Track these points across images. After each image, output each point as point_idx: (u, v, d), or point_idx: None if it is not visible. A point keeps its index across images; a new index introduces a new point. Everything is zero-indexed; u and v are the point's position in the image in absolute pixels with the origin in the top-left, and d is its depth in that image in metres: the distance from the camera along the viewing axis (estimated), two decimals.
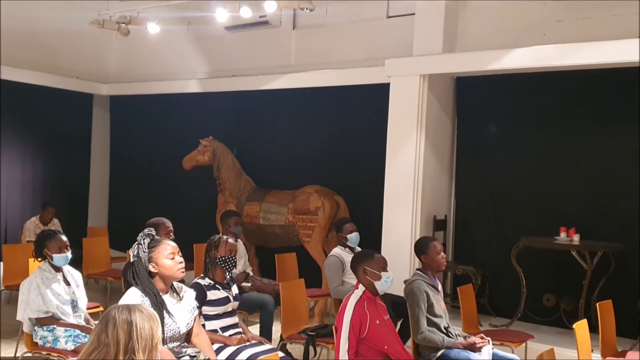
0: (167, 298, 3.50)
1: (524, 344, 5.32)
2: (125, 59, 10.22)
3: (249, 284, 6.10)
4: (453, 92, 7.24)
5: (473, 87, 7.13)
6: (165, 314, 3.39)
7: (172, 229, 5.36)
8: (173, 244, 3.54)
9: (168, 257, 3.46)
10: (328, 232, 7.42)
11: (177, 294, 3.57)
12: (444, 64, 6.65)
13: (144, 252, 3.45)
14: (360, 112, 7.74)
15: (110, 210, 10.70)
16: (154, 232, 3.57)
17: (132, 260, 3.51)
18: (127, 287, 4.70)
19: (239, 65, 8.82)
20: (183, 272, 3.53)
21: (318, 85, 7.81)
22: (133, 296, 3.38)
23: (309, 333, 4.96)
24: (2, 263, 8.71)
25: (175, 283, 3.59)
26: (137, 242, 3.51)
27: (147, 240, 3.49)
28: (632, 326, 5.69)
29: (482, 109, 7.12)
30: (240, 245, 6.27)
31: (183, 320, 3.55)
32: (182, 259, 3.53)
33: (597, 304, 4.86)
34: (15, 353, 5.56)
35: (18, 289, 6.40)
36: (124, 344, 2.13)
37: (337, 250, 5.94)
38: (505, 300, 6.72)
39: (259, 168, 8.46)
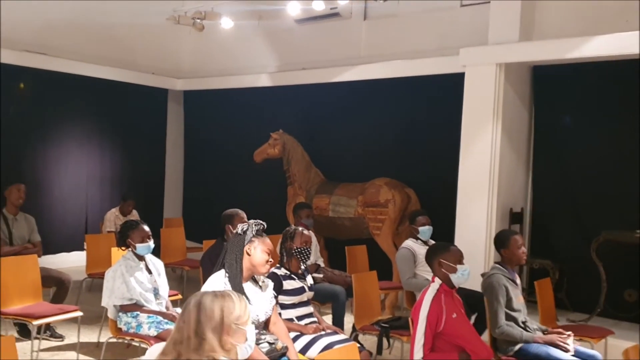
0: (248, 286, 3.59)
1: (603, 340, 5.16)
2: (198, 55, 10.44)
3: (321, 275, 6.14)
4: (529, 82, 7.06)
5: (550, 76, 6.93)
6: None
7: (246, 220, 5.44)
8: (271, 245, 3.69)
9: (264, 251, 3.62)
10: (399, 225, 7.39)
11: (257, 283, 3.66)
12: (521, 53, 6.48)
13: (250, 233, 3.61)
14: (432, 103, 7.65)
15: (184, 203, 10.98)
16: (265, 226, 3.72)
17: (238, 233, 3.65)
18: (206, 271, 4.86)
19: (308, 58, 8.87)
20: (268, 270, 3.69)
21: (389, 76, 7.76)
22: (217, 279, 3.51)
23: (383, 325, 4.95)
24: (85, 252, 9.17)
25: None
26: (247, 224, 3.68)
27: (257, 228, 3.67)
28: None
29: (560, 98, 6.92)
30: (312, 237, 6.32)
31: (262, 309, 3.63)
32: (272, 260, 3.69)
33: None
34: (98, 338, 5.80)
35: (100, 277, 6.73)
36: (194, 325, 2.24)
37: (409, 243, 5.90)
38: (584, 295, 6.52)
39: (328, 161, 8.48)
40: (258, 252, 3.60)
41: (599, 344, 4.99)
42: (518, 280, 4.53)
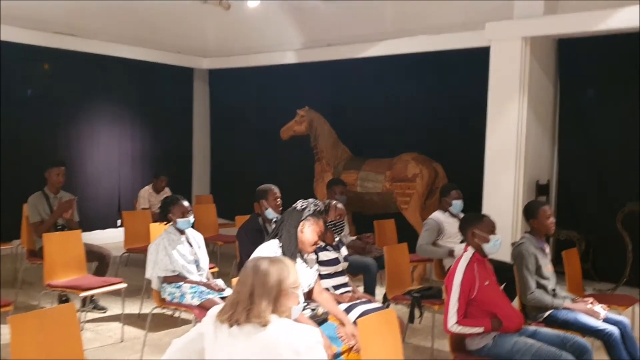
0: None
1: (630, 308, 5.27)
2: (224, 33, 10.56)
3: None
4: (555, 55, 7.10)
5: (576, 49, 6.97)
6: None
7: (279, 195, 5.60)
8: (323, 227, 3.90)
9: (315, 232, 3.81)
10: (426, 199, 7.52)
11: (302, 257, 3.85)
12: (547, 26, 6.53)
13: (307, 212, 3.79)
14: (457, 78, 7.73)
15: (212, 180, 11.19)
16: (322, 207, 3.93)
17: (297, 209, 3.84)
18: (242, 245, 5.06)
19: (334, 34, 8.94)
20: (312, 250, 3.90)
21: (414, 51, 7.84)
22: (270, 248, 3.74)
23: (414, 295, 5.11)
24: (119, 229, 9.42)
25: None
26: (309, 201, 3.87)
27: (315, 208, 3.85)
28: None
29: (585, 71, 6.97)
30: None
31: (306, 281, 3.82)
32: (320, 243, 3.94)
33: None
34: (140, 309, 6.05)
35: (138, 252, 6.99)
36: (250, 289, 2.39)
37: (437, 214, 6.04)
38: (610, 266, 6.63)
39: (355, 137, 8.61)
40: (310, 232, 3.80)
41: (626, 312, 5.10)
42: (547, 250, 4.66)
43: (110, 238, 9.08)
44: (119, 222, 9.80)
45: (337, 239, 4.68)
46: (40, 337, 3.03)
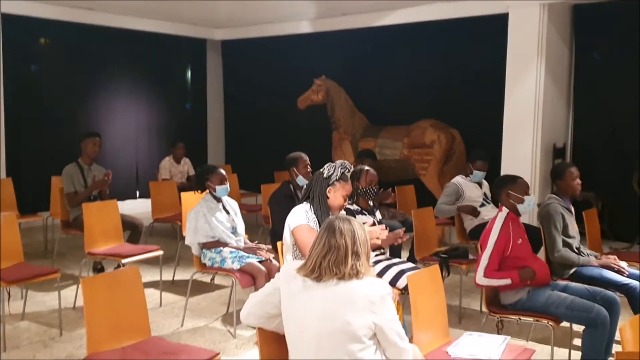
0: None
1: None
2: (236, 3, 10.56)
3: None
4: (570, 20, 7.21)
5: (591, 15, 7.07)
6: None
7: (309, 162, 5.74)
8: (350, 190, 4.00)
9: (343, 196, 3.94)
10: (444, 165, 7.69)
11: None
12: None
13: (335, 177, 3.91)
14: (474, 44, 7.84)
15: (227, 151, 11.33)
16: (351, 169, 4.02)
17: (324, 175, 3.94)
18: (275, 212, 5.24)
19: (349, 3, 8.95)
20: (341, 209, 4.01)
21: (431, 18, 7.91)
22: (301, 210, 3.90)
23: (442, 255, 5.31)
24: (141, 199, 9.59)
25: None
26: (336, 165, 3.97)
27: (342, 171, 3.95)
28: None
29: (600, 35, 7.08)
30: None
31: None
32: (346, 204, 4.06)
33: None
34: (173, 276, 6.27)
35: (165, 222, 7.17)
36: (350, 248, 2.53)
37: (459, 179, 6.23)
38: (625, 225, 6.82)
39: (372, 105, 8.72)
40: (337, 196, 3.94)
41: None
42: (572, 209, 4.84)
43: (130, 210, 9.21)
44: (137, 193, 9.99)
45: (370, 203, 4.84)
46: (110, 298, 3.22)
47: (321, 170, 4.01)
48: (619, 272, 4.52)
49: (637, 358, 2.41)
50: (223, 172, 5.08)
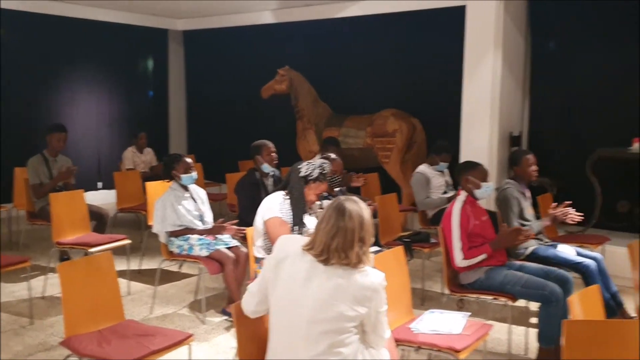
0: None
1: (601, 246, 5.75)
2: None
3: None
4: (526, 11, 7.44)
5: (546, 5, 7.31)
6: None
7: (274, 150, 5.84)
8: (325, 188, 4.17)
9: (317, 194, 4.10)
10: (405, 153, 7.88)
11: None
12: None
13: (311, 177, 4.05)
14: (434, 36, 8.02)
15: (190, 141, 11.34)
16: (328, 170, 4.15)
17: (301, 176, 4.08)
18: (242, 199, 5.33)
19: None
20: (312, 204, 4.16)
21: (392, 10, 8.05)
22: (276, 197, 4.06)
23: (405, 240, 5.50)
24: (104, 191, 9.56)
25: None
26: (312, 164, 4.12)
27: (321, 171, 4.08)
28: None
29: (555, 26, 7.33)
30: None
31: (312, 226, 4.12)
32: (320, 203, 4.22)
33: None
34: (140, 266, 6.31)
35: (131, 212, 7.19)
36: (357, 234, 2.52)
37: (423, 168, 6.46)
38: (580, 209, 7.02)
39: (335, 95, 8.86)
40: (310, 194, 4.11)
41: (597, 249, 5.58)
42: (528, 194, 5.07)
43: (93, 201, 9.15)
44: (99, 184, 9.94)
45: (337, 189, 4.99)
46: (85, 283, 3.30)
47: (299, 167, 4.12)
48: (570, 219, 4.75)
49: (584, 326, 2.60)
50: (189, 160, 5.15)
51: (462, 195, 4.34)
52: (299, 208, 4.04)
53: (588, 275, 4.59)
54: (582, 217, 4.84)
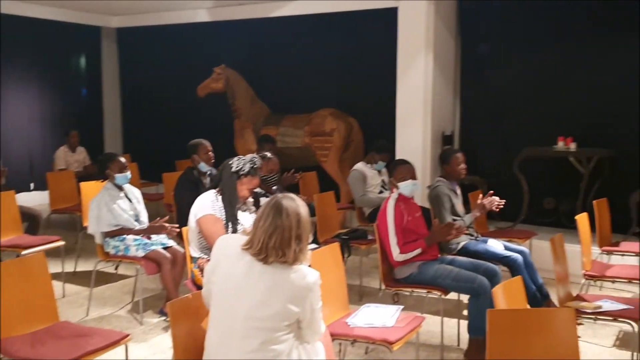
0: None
1: (529, 240, 6.01)
2: None
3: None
4: (456, 14, 7.67)
5: (475, 8, 7.56)
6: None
7: (211, 149, 5.85)
8: (257, 183, 4.18)
9: (249, 189, 4.10)
10: (343, 152, 8.01)
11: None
12: None
13: (243, 171, 4.04)
14: (370, 36, 8.19)
15: (125, 140, 11.16)
16: (260, 165, 4.16)
17: (232, 170, 4.06)
18: (180, 198, 5.32)
19: None
20: (245, 200, 4.19)
21: (326, 11, 8.13)
22: (209, 196, 4.06)
23: (343, 237, 5.61)
24: (36, 192, 9.31)
25: None
26: (243, 159, 4.11)
27: (252, 166, 4.08)
28: (624, 223, 6.36)
29: (484, 28, 7.60)
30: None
31: (247, 223, 4.15)
32: (251, 197, 4.21)
33: (594, 202, 5.51)
34: (75, 268, 6.20)
35: (65, 213, 7.04)
36: (295, 231, 2.55)
37: (360, 165, 6.60)
38: (509, 206, 7.33)
39: (273, 94, 8.91)
40: (242, 189, 4.10)
41: (525, 244, 5.83)
42: (458, 191, 5.26)
43: (25, 202, 8.93)
44: (32, 185, 9.68)
45: (274, 188, 5.04)
46: (18, 285, 3.25)
47: (230, 162, 4.14)
48: (496, 207, 4.97)
49: (506, 315, 2.75)
50: (123, 159, 5.11)
51: (396, 192, 4.47)
52: (232, 204, 4.06)
53: (515, 268, 4.79)
54: (504, 204, 5.01)
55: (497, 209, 5.00)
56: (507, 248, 5.06)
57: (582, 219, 4.87)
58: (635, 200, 6.31)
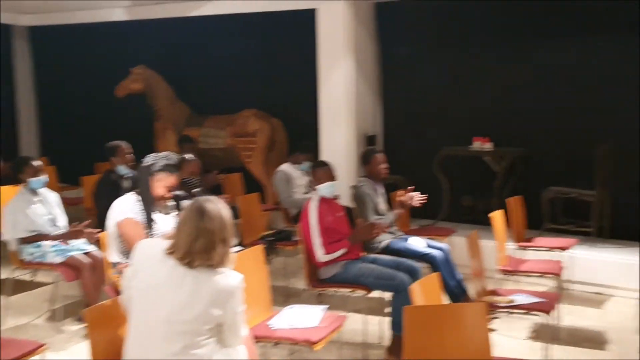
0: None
1: (448, 238, 6.20)
2: None
3: None
4: (375, 17, 7.81)
5: (393, 12, 7.72)
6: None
7: (130, 151, 5.73)
8: (174, 181, 3.96)
9: (166, 187, 3.92)
10: (267, 153, 8.01)
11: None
12: None
13: (156, 167, 3.90)
14: (292, 37, 8.21)
15: (42, 143, 10.77)
16: (175, 161, 3.99)
17: (144, 165, 3.94)
18: (99, 199, 5.18)
19: None
20: (166, 201, 4.04)
21: (246, 11, 8.06)
22: (127, 199, 3.94)
23: (268, 239, 5.62)
24: None
25: None
26: (158, 155, 3.98)
27: (165, 162, 3.91)
28: (538, 219, 6.65)
29: (405, 31, 7.76)
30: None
31: (167, 226, 4.06)
32: (171, 194, 4.02)
33: (508, 199, 5.74)
34: None
35: None
36: (219, 234, 2.53)
37: (285, 166, 6.62)
38: (430, 204, 7.53)
39: (195, 95, 8.81)
40: (158, 187, 3.92)
41: (445, 241, 6.00)
42: (381, 191, 5.38)
43: None
44: None
45: (196, 190, 4.99)
46: None
47: (143, 161, 4.06)
48: (416, 202, 5.16)
49: (423, 311, 2.84)
50: (38, 163, 4.94)
51: (316, 194, 4.53)
52: (148, 202, 3.94)
53: (435, 265, 4.94)
54: (426, 199, 5.16)
55: (420, 204, 5.14)
56: (429, 245, 5.21)
57: (496, 216, 5.07)
58: (548, 197, 6.60)
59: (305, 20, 7.77)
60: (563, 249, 5.53)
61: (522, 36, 7.12)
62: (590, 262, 5.94)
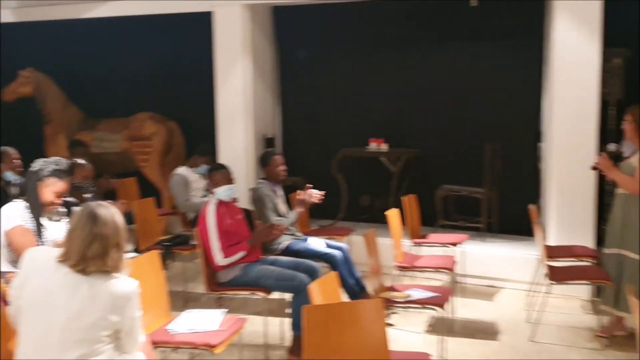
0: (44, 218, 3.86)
1: (347, 237, 6.32)
2: None
3: None
4: (272, 21, 7.85)
5: (291, 16, 7.78)
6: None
7: (17, 156, 5.45)
8: (64, 187, 3.79)
9: (55, 192, 3.75)
10: (164, 156, 7.85)
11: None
12: None
13: (44, 172, 3.72)
14: (189, 39, 8.09)
15: None
16: (65, 167, 3.81)
17: (31, 170, 3.76)
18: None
19: None
20: (55, 208, 3.87)
21: (140, 13, 7.86)
22: (16, 206, 3.76)
23: (165, 244, 5.51)
24: None
25: None
26: (48, 161, 3.79)
27: (56, 167, 3.75)
28: (431, 216, 6.91)
29: (301, 35, 7.85)
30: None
31: (57, 233, 3.90)
32: (61, 200, 3.85)
33: (403, 198, 5.92)
34: None
35: None
36: (112, 239, 2.50)
37: (182, 170, 6.49)
38: (329, 205, 7.66)
39: (88, 98, 8.51)
40: (46, 193, 3.75)
41: (344, 240, 6.12)
42: (280, 192, 5.41)
43: None
44: None
45: (88, 196, 4.82)
46: None
47: (31, 166, 3.88)
48: (315, 199, 5.19)
49: (321, 310, 2.88)
50: None
51: (214, 197, 4.50)
52: (36, 209, 3.78)
53: (335, 264, 5.03)
54: (324, 195, 5.25)
55: (319, 201, 5.20)
56: (328, 245, 5.28)
57: (392, 214, 5.21)
58: (441, 195, 6.87)
59: (201, 23, 7.68)
60: (455, 244, 5.77)
61: (415, 40, 7.39)
62: (481, 256, 6.24)
